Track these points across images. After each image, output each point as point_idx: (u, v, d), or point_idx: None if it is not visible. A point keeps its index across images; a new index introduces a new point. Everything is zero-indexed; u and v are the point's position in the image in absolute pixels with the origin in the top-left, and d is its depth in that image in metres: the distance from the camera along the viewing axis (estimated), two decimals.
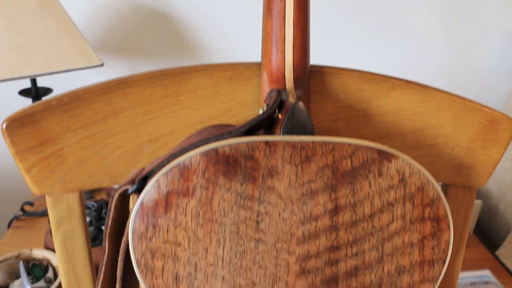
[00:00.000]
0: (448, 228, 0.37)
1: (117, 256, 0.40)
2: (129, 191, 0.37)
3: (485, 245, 1.03)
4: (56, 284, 0.81)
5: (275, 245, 0.36)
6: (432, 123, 0.46)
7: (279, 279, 0.36)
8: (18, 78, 0.81)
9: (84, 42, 0.91)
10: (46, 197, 0.44)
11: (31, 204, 1.08)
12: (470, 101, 0.45)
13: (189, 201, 0.35)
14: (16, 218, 1.05)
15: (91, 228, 0.94)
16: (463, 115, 0.45)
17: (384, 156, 0.35)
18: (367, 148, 0.35)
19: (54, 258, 0.87)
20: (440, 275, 0.38)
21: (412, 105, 0.46)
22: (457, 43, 1.27)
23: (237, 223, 0.35)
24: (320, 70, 0.45)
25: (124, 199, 0.39)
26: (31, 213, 1.06)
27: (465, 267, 0.96)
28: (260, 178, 0.35)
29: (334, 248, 0.36)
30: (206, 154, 0.34)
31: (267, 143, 0.35)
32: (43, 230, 1.01)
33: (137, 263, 0.36)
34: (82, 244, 0.47)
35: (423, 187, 0.36)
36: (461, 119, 0.46)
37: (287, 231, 0.36)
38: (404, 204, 0.36)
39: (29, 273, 0.85)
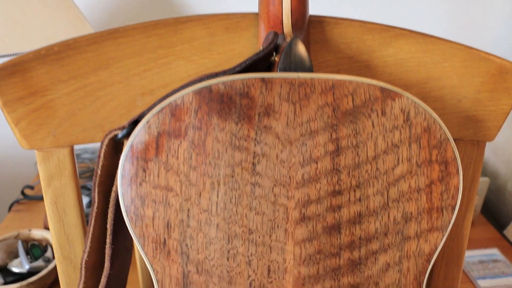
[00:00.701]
0: (457, 172, 0.35)
1: (107, 209, 0.38)
2: (119, 136, 0.35)
3: (493, 224, 1.01)
4: (54, 263, 0.79)
5: (272, 190, 0.34)
6: (437, 74, 0.44)
7: (278, 226, 0.34)
8: (15, 54, 0.79)
9: (84, 20, 0.89)
10: (36, 152, 0.43)
11: (31, 187, 1.06)
12: (477, 50, 0.43)
13: (181, 142, 0.33)
14: (17, 202, 1.04)
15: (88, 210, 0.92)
16: (469, 65, 0.43)
17: (388, 95, 0.34)
18: (369, 85, 0.33)
19: None
20: (449, 224, 0.36)
21: (416, 55, 0.44)
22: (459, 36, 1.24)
23: (232, 165, 0.33)
24: (320, 20, 0.43)
25: (115, 147, 0.38)
26: (32, 197, 1.04)
27: (473, 246, 0.94)
28: (256, 117, 0.33)
29: (336, 192, 0.34)
30: (199, 92, 0.33)
31: (263, 80, 0.33)
32: (43, 213, 1.00)
33: (126, 211, 0.34)
34: (74, 203, 0.45)
35: (429, 128, 0.34)
36: (468, 69, 0.43)
37: (285, 174, 0.34)
38: (409, 145, 0.34)
39: (27, 252, 0.83)
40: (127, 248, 0.42)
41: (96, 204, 0.38)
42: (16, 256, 0.83)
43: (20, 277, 0.79)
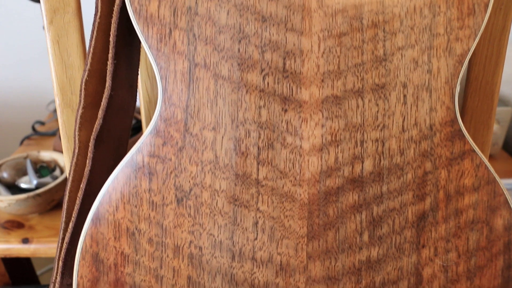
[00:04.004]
0: None
1: (110, 19, 0.35)
2: None
3: None
4: (62, 178, 0.77)
5: None
6: None
7: (294, 13, 0.31)
8: None
9: None
10: None
11: (42, 123, 1.05)
12: None
13: None
14: (28, 137, 1.03)
15: None
16: None
17: None
18: None
19: (62, 159, 0.83)
20: (482, 23, 0.33)
21: None
22: None
23: None
24: None
25: None
26: (43, 133, 1.03)
27: None
28: None
29: None
30: None
31: None
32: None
33: (130, 1, 0.32)
34: (77, 44, 0.42)
35: None
36: None
37: None
38: None
39: (36, 172, 0.82)
40: (130, 66, 0.39)
41: (99, 14, 0.36)
42: (24, 174, 0.81)
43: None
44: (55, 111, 1.08)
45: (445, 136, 0.33)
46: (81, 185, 0.38)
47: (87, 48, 0.37)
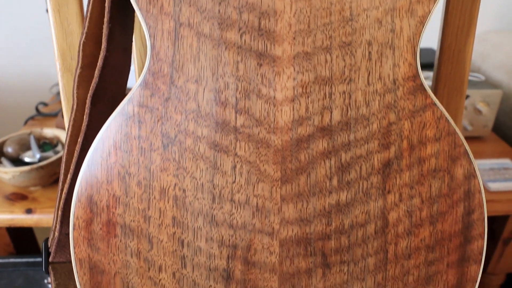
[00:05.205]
0: None
1: None
2: None
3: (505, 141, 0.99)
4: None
5: None
6: None
7: None
8: None
9: None
10: None
11: (45, 104, 1.09)
12: None
13: None
14: (31, 118, 1.06)
15: None
16: None
17: None
18: None
19: (64, 135, 0.87)
20: None
21: None
22: None
23: None
24: None
25: None
26: (46, 114, 1.07)
27: (484, 157, 0.92)
28: None
29: None
30: None
31: None
32: None
33: None
34: (76, 12, 0.46)
35: None
36: None
37: None
38: None
39: (39, 147, 0.85)
40: (125, 31, 0.42)
41: None
42: (28, 149, 0.85)
43: None
44: (58, 93, 1.12)
45: (408, 90, 0.37)
46: (79, 139, 0.42)
47: (84, 13, 0.41)
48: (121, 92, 0.44)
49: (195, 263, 0.38)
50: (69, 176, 0.43)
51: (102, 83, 0.41)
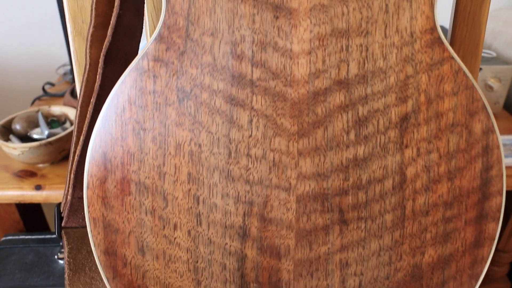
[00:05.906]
0: None
1: None
2: None
3: None
4: (72, 128, 0.80)
5: None
6: None
7: None
8: None
9: None
10: None
11: (52, 84, 1.08)
12: None
13: None
14: (38, 98, 1.06)
15: None
16: None
17: None
18: None
19: (72, 112, 0.87)
20: None
21: None
22: None
23: None
24: None
25: None
26: (52, 94, 1.06)
27: None
28: None
29: None
30: None
31: None
32: None
33: None
34: None
35: None
36: None
37: None
38: None
39: (47, 124, 0.85)
40: None
41: None
42: (36, 126, 0.85)
43: None
44: (64, 74, 1.12)
45: (425, 43, 0.36)
46: (91, 100, 0.42)
47: None
48: (134, 53, 0.44)
49: (211, 221, 0.38)
50: (81, 138, 0.42)
51: (115, 42, 0.41)
